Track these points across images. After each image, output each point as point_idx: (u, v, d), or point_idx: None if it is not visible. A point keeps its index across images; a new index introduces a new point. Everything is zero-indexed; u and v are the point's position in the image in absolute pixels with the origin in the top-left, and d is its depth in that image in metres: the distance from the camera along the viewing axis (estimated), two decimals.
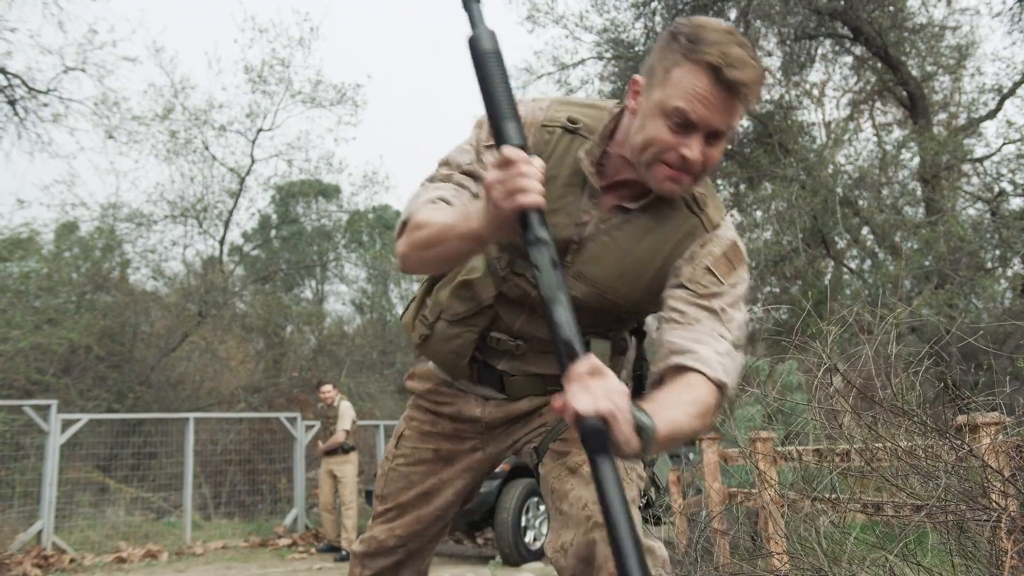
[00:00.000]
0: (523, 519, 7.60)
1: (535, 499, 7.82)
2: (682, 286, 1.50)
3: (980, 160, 10.69)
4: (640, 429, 1.17)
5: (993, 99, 11.36)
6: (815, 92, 12.85)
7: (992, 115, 11.39)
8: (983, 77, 13.53)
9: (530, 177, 1.21)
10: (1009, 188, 10.13)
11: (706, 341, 1.43)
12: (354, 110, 15.94)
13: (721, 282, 1.50)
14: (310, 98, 14.53)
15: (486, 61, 1.32)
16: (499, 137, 1.28)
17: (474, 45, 1.34)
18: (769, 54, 11.78)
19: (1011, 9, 11.03)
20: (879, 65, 11.60)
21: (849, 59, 12.27)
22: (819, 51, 11.81)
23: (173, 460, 9.27)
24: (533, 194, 1.21)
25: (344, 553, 7.92)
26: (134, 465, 9.49)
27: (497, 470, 7.63)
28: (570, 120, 1.56)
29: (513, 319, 1.64)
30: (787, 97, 11.62)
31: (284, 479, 10.26)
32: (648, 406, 1.24)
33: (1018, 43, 13.44)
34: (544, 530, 7.84)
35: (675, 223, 1.54)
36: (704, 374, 1.39)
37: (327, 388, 8.53)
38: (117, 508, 8.78)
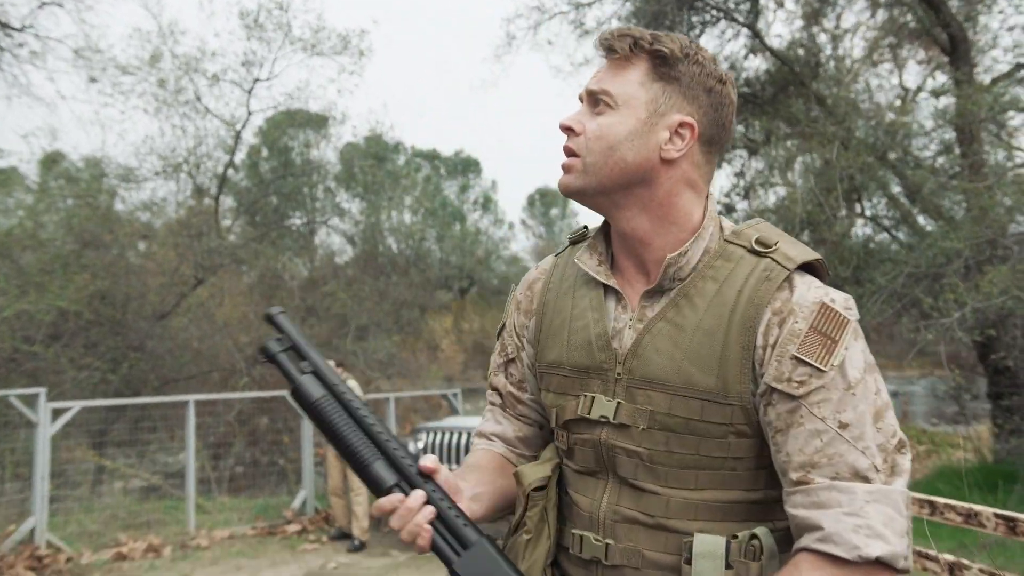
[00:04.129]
0: None
1: None
2: (771, 390, 1.15)
3: None
4: None
5: None
6: (839, 30, 12.02)
7: None
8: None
9: (412, 521, 1.15)
10: None
11: (828, 501, 1.09)
12: (358, 59, 14.92)
13: (820, 369, 1.12)
14: (310, 45, 13.60)
15: (319, 412, 1.19)
16: (369, 486, 1.19)
17: (299, 399, 1.20)
18: None
19: None
20: (918, 4, 10.78)
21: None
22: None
23: (173, 436, 8.79)
24: (423, 536, 1.14)
25: (357, 543, 7.48)
26: (131, 441, 9.00)
27: None
28: (574, 239, 1.44)
29: None
30: (818, 39, 10.82)
31: (290, 455, 9.80)
32: None
33: None
34: None
35: (736, 273, 1.21)
36: (830, 555, 1.08)
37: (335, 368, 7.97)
38: (114, 490, 8.31)
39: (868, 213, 10.12)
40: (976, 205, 7.75)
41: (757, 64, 11.62)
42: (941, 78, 11.72)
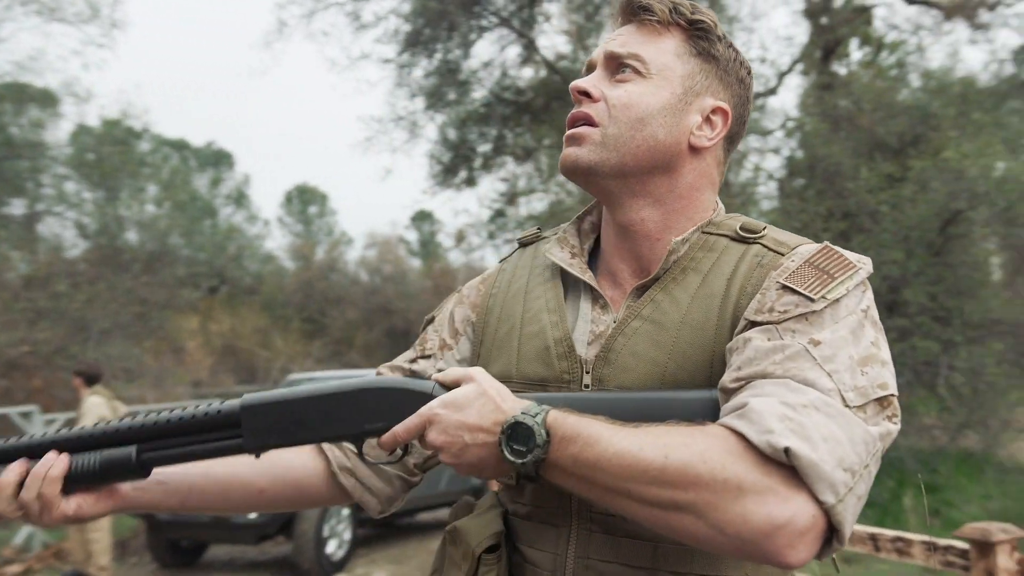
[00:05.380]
0: (325, 528, 6.70)
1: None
2: (750, 325, 0.95)
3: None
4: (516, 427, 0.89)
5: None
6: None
7: (773, 91, 11.75)
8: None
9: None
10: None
11: (769, 391, 0.86)
12: (109, 31, 13.21)
13: (810, 297, 0.93)
14: (49, 9, 11.87)
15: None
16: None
17: None
18: None
19: None
20: None
21: None
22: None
23: None
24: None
25: None
26: None
27: None
28: (524, 241, 1.25)
29: None
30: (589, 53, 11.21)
31: None
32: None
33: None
34: (347, 536, 7.00)
35: (723, 263, 1.04)
36: (742, 435, 0.84)
37: (76, 380, 6.91)
38: None
39: None
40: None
41: (530, 73, 11.84)
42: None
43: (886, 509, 6.94)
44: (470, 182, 12.62)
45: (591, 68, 1.12)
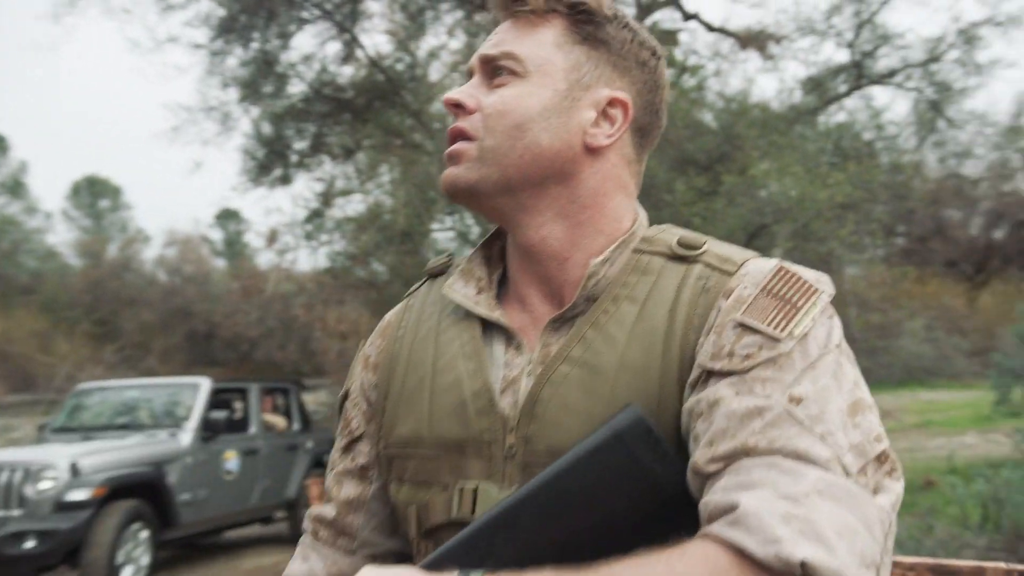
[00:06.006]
0: (119, 554, 6.06)
1: (136, 525, 6.31)
2: (709, 375, 0.80)
3: None
4: None
5: None
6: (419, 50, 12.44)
7: None
8: None
9: None
10: None
11: (759, 479, 0.71)
12: None
13: (775, 337, 0.79)
14: None
15: None
16: None
17: None
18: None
19: None
20: None
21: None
22: (448, 19, 11.41)
23: None
24: None
25: None
26: None
27: (87, 497, 5.99)
28: (434, 270, 1.07)
29: None
30: (416, 54, 11.04)
31: None
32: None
33: None
34: (145, 561, 6.37)
35: (661, 288, 0.89)
36: (741, 549, 0.66)
37: None
38: None
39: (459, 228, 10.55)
40: None
41: (352, 71, 11.48)
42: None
43: None
44: (285, 180, 12.05)
45: (471, 75, 0.97)
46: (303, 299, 13.83)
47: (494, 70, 0.94)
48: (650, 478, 0.78)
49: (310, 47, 11.37)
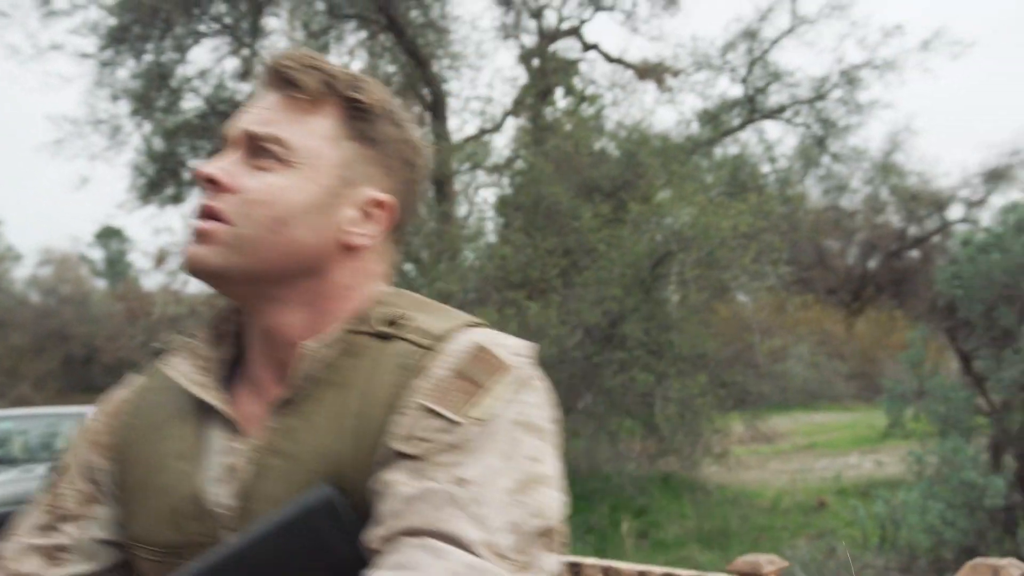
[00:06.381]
0: None
1: None
2: (395, 456, 0.80)
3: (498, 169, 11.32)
4: None
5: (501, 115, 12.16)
6: None
7: (498, 128, 12.20)
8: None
9: None
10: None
11: (407, 560, 0.73)
12: None
13: (453, 420, 0.79)
14: None
15: None
16: None
17: None
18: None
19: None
20: (404, 59, 11.54)
21: (377, 47, 12.01)
22: (351, 39, 11.28)
23: None
24: None
25: None
26: None
27: None
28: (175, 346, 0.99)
29: None
30: None
31: None
32: None
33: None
34: None
35: (361, 370, 0.86)
36: None
37: None
38: None
39: None
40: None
41: (251, 87, 11.19)
42: (420, 132, 12.73)
43: (605, 535, 7.28)
44: (177, 199, 11.60)
45: (226, 142, 0.90)
46: (193, 322, 13.31)
47: (258, 149, 0.87)
48: (334, 556, 0.80)
49: (207, 62, 10.97)
